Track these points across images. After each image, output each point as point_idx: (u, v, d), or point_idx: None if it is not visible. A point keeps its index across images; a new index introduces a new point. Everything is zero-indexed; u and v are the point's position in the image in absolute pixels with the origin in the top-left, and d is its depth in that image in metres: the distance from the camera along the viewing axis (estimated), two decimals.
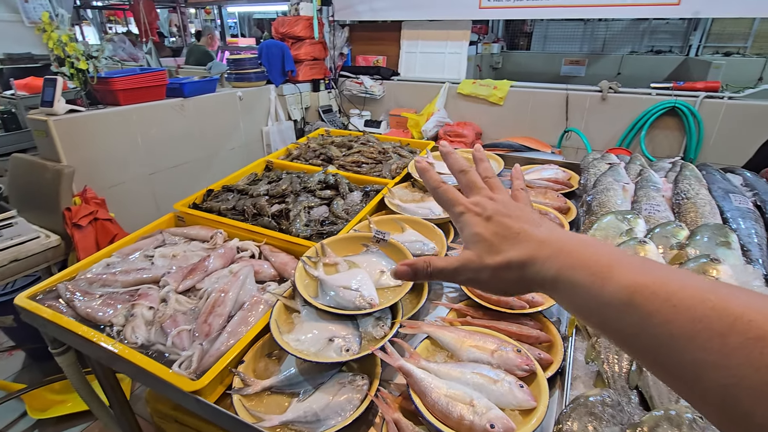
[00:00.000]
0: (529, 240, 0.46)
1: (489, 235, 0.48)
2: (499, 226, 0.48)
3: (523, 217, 0.49)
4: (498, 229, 0.48)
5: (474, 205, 0.51)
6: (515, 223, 0.48)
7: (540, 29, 9.50)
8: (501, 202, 0.51)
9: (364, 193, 1.75)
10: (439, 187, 0.55)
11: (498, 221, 0.48)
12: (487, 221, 0.49)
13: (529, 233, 0.46)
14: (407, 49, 3.99)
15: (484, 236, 0.48)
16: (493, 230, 0.48)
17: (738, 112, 2.89)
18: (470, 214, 0.50)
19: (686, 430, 0.74)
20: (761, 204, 1.40)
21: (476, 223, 0.50)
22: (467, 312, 1.19)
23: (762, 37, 7.87)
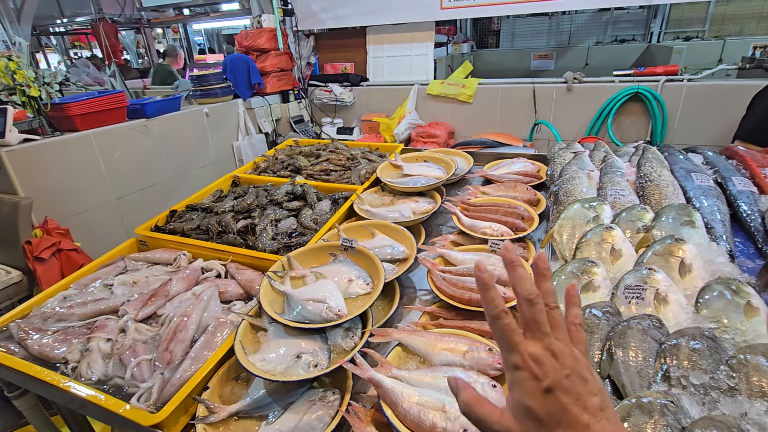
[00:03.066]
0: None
1: (543, 414, 0.41)
2: (557, 407, 0.41)
3: (585, 398, 0.41)
4: (555, 411, 0.41)
5: (534, 362, 0.42)
6: (577, 410, 0.41)
7: (507, 26, 9.67)
8: (565, 364, 0.43)
9: (333, 201, 1.72)
10: (500, 319, 0.45)
11: (557, 400, 0.41)
12: (545, 394, 0.41)
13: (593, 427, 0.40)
14: (374, 54, 3.99)
15: (537, 414, 0.41)
16: (549, 410, 0.41)
17: (698, 93, 2.96)
18: (527, 374, 0.42)
19: (657, 416, 0.72)
20: (722, 181, 1.42)
21: (531, 391, 0.42)
22: (440, 314, 1.16)
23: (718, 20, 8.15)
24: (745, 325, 0.92)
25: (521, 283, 0.46)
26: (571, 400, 0.41)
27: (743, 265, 1.17)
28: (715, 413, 0.74)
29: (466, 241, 1.48)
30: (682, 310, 0.98)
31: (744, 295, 0.96)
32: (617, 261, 1.16)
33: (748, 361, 0.80)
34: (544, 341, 0.44)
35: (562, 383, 0.42)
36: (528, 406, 0.42)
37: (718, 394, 0.77)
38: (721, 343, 0.86)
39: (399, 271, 1.28)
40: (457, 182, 2.01)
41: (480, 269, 0.47)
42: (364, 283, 1.17)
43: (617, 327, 0.92)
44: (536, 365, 0.43)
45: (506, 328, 0.45)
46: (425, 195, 1.75)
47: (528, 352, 0.43)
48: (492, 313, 0.46)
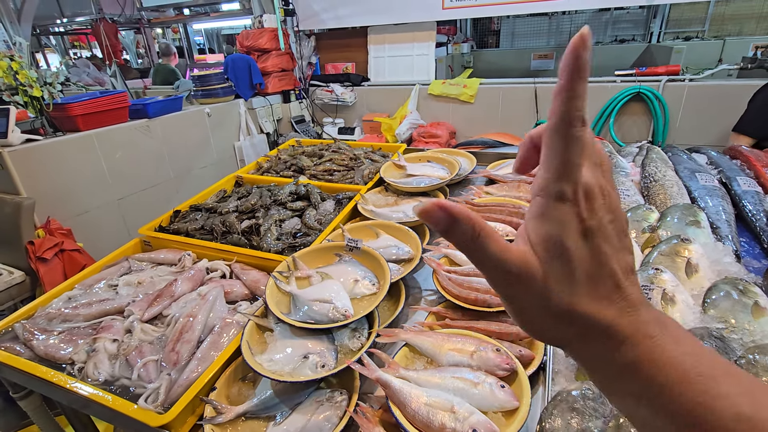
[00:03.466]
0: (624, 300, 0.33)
1: (577, 260, 0.33)
2: (595, 255, 0.33)
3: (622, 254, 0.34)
4: (592, 259, 0.33)
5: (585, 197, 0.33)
6: (614, 265, 0.33)
7: (507, 26, 9.68)
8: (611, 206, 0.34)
9: (337, 202, 1.72)
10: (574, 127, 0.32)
11: (597, 247, 0.33)
12: (585, 234, 0.33)
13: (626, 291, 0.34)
14: (375, 54, 3.99)
15: (569, 257, 0.33)
16: (585, 256, 0.33)
17: (699, 93, 2.96)
18: (572, 209, 0.33)
19: None
20: (726, 181, 1.42)
21: (570, 226, 0.33)
22: (446, 314, 1.16)
23: (718, 20, 8.16)
24: (753, 325, 0.92)
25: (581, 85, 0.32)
26: (610, 250, 0.33)
27: (749, 265, 1.17)
28: None
29: None
30: (689, 310, 0.98)
31: (751, 295, 0.96)
32: None
33: (757, 362, 0.80)
34: (596, 173, 0.34)
35: (606, 230, 0.33)
36: (563, 245, 0.33)
37: None
38: (729, 343, 0.86)
39: (404, 271, 1.28)
40: (460, 182, 2.00)
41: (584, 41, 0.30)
42: (370, 283, 1.17)
43: None
44: (586, 201, 0.33)
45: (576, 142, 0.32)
46: (429, 195, 1.75)
47: (583, 182, 0.33)
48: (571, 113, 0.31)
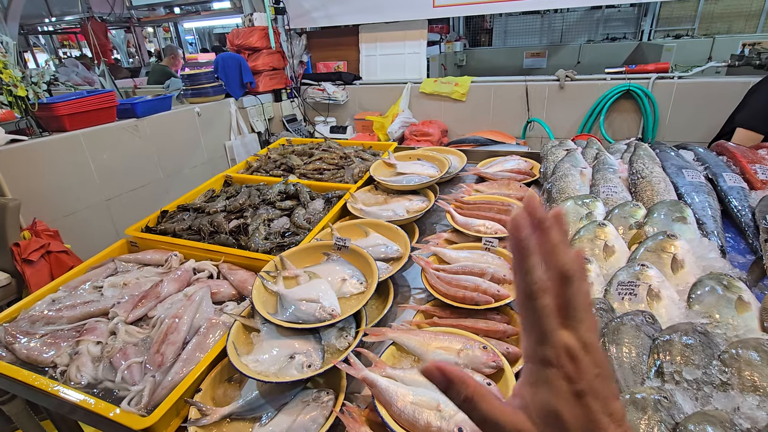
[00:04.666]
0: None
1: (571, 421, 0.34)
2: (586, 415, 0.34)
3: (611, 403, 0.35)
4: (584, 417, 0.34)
5: (569, 359, 0.35)
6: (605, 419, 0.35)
7: (499, 25, 9.71)
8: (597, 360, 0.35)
9: (326, 200, 1.71)
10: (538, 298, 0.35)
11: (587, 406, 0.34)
12: (576, 399, 0.34)
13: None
14: (366, 52, 3.98)
15: (564, 420, 0.34)
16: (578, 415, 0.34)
17: (688, 91, 2.98)
18: (559, 373, 0.35)
19: (651, 412, 0.72)
20: (712, 177, 1.43)
21: (560, 393, 0.35)
22: (434, 312, 1.16)
23: (707, 18, 8.25)
24: (736, 320, 0.92)
25: (558, 252, 0.35)
26: (600, 406, 0.35)
27: (734, 260, 1.17)
28: (708, 408, 0.74)
29: (460, 239, 1.47)
30: (674, 305, 0.98)
31: (735, 290, 0.96)
32: (610, 257, 1.16)
33: (740, 356, 0.81)
34: (579, 331, 0.35)
35: (594, 386, 0.35)
36: (556, 411, 0.35)
37: (711, 389, 0.78)
38: (713, 338, 0.87)
39: (393, 269, 1.27)
40: (450, 180, 2.00)
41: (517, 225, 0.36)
42: (357, 282, 1.16)
43: (610, 323, 0.92)
44: (571, 363, 0.35)
45: (544, 311, 0.35)
46: (419, 193, 1.74)
47: (563, 345, 0.35)
48: (529, 289, 0.35)
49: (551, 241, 0.35)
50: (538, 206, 0.36)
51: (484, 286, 1.15)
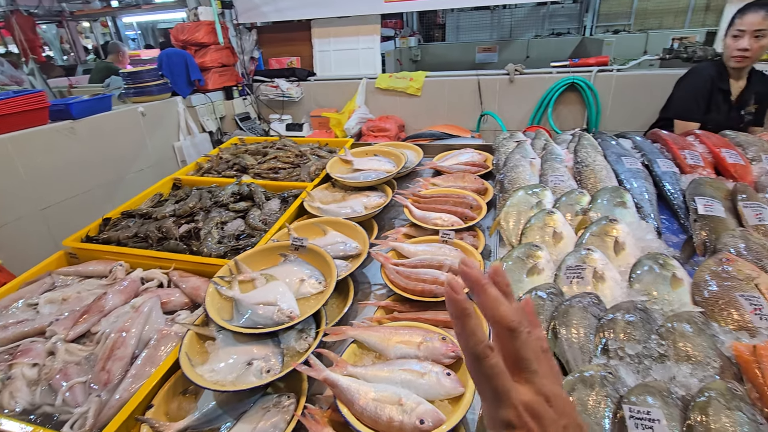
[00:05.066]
0: None
1: None
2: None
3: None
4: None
5: (531, 416, 0.33)
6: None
7: (452, 20, 9.88)
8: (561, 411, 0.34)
9: (282, 200, 1.67)
10: (485, 359, 0.34)
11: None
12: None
13: None
14: (320, 47, 3.91)
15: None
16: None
17: (626, 82, 3.17)
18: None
19: (598, 388, 0.77)
20: (648, 163, 1.53)
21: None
22: (394, 307, 1.16)
23: (641, 15, 8.81)
24: (671, 295, 0.99)
25: (497, 307, 0.35)
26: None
27: (669, 240, 1.26)
28: (648, 380, 0.80)
29: (418, 233, 1.49)
30: (617, 285, 1.04)
31: (670, 268, 1.04)
32: (559, 243, 1.21)
33: (675, 329, 0.87)
34: (536, 383, 0.34)
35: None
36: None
37: (651, 362, 0.83)
38: (651, 314, 0.93)
39: (352, 267, 1.27)
40: (408, 175, 2.01)
41: (453, 290, 0.35)
42: (316, 282, 1.15)
43: (560, 307, 0.96)
44: (534, 420, 0.33)
45: (494, 371, 0.33)
46: (376, 189, 1.74)
47: (522, 402, 0.33)
48: (474, 350, 0.34)
49: (489, 297, 0.35)
50: (472, 266, 0.36)
51: (443, 278, 1.17)
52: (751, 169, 1.44)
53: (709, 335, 0.85)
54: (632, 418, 0.70)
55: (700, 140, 1.61)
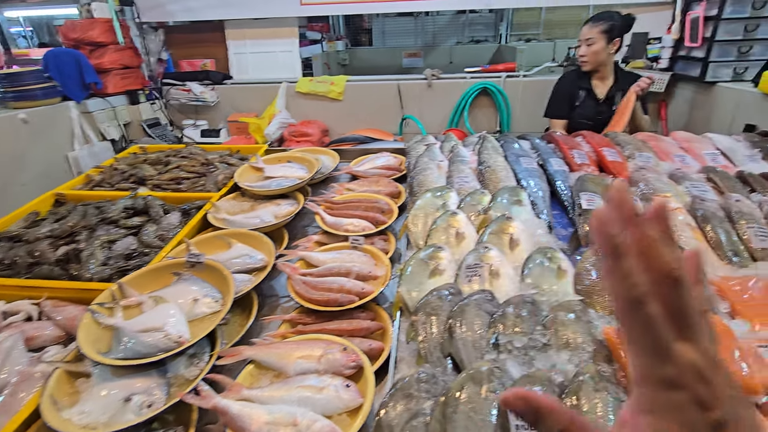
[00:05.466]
0: None
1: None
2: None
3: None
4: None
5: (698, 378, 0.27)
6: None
7: (378, 25, 10.03)
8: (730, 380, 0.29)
9: (184, 213, 1.55)
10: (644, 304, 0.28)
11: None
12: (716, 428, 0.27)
13: None
14: (235, 50, 3.74)
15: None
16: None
17: (532, 87, 3.43)
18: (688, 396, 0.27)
19: (486, 383, 0.79)
20: (543, 162, 1.64)
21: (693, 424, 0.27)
22: (300, 320, 1.12)
23: (549, 25, 9.62)
24: (557, 286, 1.06)
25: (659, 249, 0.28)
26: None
27: (559, 234, 1.36)
28: (531, 370, 0.84)
29: (331, 240, 1.46)
30: (511, 281, 1.10)
31: (556, 261, 1.11)
32: (461, 243, 1.25)
33: (557, 318, 0.93)
34: (701, 344, 0.29)
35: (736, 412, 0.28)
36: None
37: (535, 352, 0.88)
38: (539, 306, 0.98)
39: (256, 280, 1.20)
40: (324, 180, 1.98)
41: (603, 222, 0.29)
42: (212, 300, 1.07)
43: (456, 306, 0.98)
44: (701, 384, 0.27)
45: (655, 319, 0.28)
46: (288, 197, 1.69)
47: (688, 361, 0.28)
48: (631, 294, 0.29)
49: (652, 235, 0.29)
50: (627, 197, 0.29)
51: (349, 286, 1.16)
52: (626, 166, 1.60)
53: (585, 322, 0.92)
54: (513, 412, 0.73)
55: (587, 140, 1.77)
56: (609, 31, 2.42)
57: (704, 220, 1.21)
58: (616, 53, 2.54)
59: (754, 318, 0.89)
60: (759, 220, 1.20)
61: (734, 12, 2.53)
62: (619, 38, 2.46)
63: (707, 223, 1.20)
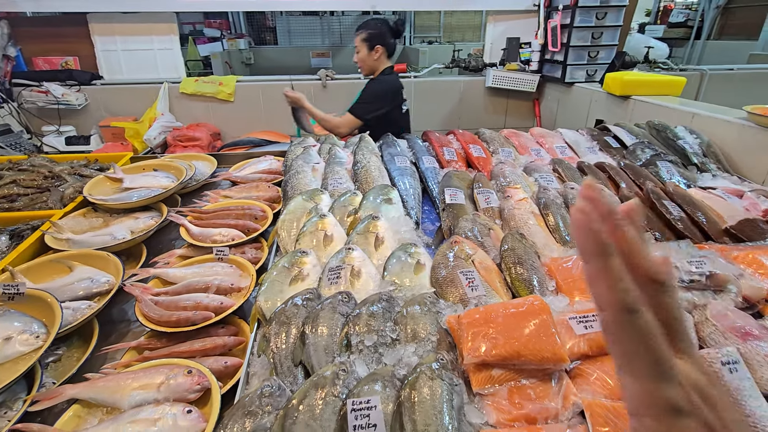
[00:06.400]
0: None
1: None
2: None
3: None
4: None
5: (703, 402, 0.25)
6: None
7: (282, 24, 9.78)
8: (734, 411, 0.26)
9: (15, 236, 1.33)
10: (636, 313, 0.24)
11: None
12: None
13: None
14: (104, 46, 3.33)
15: None
16: None
17: (423, 87, 3.58)
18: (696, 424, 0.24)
19: (329, 387, 0.78)
20: (416, 161, 1.71)
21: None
22: (146, 345, 1.02)
23: (448, 28, 10.18)
24: (414, 281, 1.10)
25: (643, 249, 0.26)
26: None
27: (427, 229, 1.42)
28: (378, 367, 0.85)
29: (199, 253, 1.36)
30: (372, 280, 1.11)
31: (416, 256, 1.15)
32: (329, 246, 1.24)
33: (408, 313, 0.96)
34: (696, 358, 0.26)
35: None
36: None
37: (384, 349, 0.89)
38: (395, 302, 1.01)
39: (96, 306, 1.07)
40: (200, 188, 1.85)
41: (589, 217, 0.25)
42: (30, 336, 0.92)
43: (311, 312, 0.97)
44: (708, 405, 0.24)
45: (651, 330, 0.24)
46: (152, 209, 1.54)
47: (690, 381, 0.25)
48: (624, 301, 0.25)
49: (631, 235, 0.25)
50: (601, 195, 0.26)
51: (206, 302, 1.08)
52: (491, 160, 1.73)
53: (434, 313, 0.96)
54: (353, 411, 0.73)
55: (457, 138, 1.88)
56: (368, 39, 2.57)
57: (545, 207, 1.35)
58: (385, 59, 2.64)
59: (574, 293, 1.00)
60: None
61: (582, 21, 2.89)
62: (380, 45, 2.57)
63: (547, 209, 1.34)
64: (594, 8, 2.85)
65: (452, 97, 3.67)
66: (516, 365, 0.81)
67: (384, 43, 2.59)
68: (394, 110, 2.67)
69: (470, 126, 3.12)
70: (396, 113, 2.69)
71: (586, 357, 0.84)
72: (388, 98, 2.62)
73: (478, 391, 0.79)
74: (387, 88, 2.61)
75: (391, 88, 2.62)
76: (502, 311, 0.88)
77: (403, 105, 2.67)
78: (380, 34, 2.58)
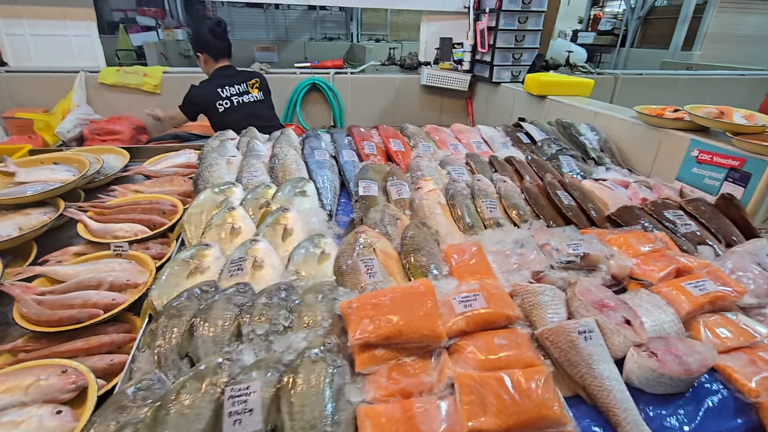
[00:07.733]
0: None
1: None
2: None
3: None
4: None
5: None
6: None
7: (223, 15, 9.41)
8: None
9: None
10: None
11: None
12: None
13: None
14: (7, 30, 3.02)
15: None
16: None
17: (360, 84, 3.61)
18: None
19: (210, 377, 0.78)
20: (335, 154, 1.72)
21: None
22: (23, 348, 0.96)
23: (395, 27, 10.30)
24: (317, 270, 1.12)
25: None
26: None
27: (341, 220, 1.45)
28: (267, 354, 0.86)
29: (98, 250, 1.29)
30: (275, 271, 1.11)
31: (321, 246, 1.17)
32: (236, 238, 1.23)
33: (304, 301, 0.97)
34: None
35: None
36: None
37: (275, 336, 0.90)
38: (294, 291, 1.02)
39: None
40: (110, 183, 1.74)
41: None
42: None
43: (206, 303, 0.95)
44: None
45: None
46: (48, 204, 1.44)
47: None
48: None
49: None
50: None
51: (95, 299, 1.03)
52: (410, 154, 1.79)
53: (330, 300, 0.98)
54: (231, 398, 0.73)
55: (379, 133, 1.92)
56: (193, 48, 2.70)
57: (452, 198, 1.42)
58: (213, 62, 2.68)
59: (463, 276, 1.07)
60: (491, 195, 1.46)
61: (506, 24, 3.04)
62: (200, 53, 2.64)
63: (454, 200, 1.41)
64: (516, 12, 3.01)
65: (388, 95, 3.72)
66: (398, 344, 0.86)
67: (204, 50, 2.63)
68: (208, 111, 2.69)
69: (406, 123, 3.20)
70: (211, 113, 2.70)
71: (464, 333, 0.90)
72: (191, 105, 2.65)
73: (360, 371, 0.82)
74: (189, 97, 2.64)
75: (190, 100, 2.64)
76: (390, 295, 0.92)
77: (219, 105, 2.65)
78: (198, 40, 2.66)
